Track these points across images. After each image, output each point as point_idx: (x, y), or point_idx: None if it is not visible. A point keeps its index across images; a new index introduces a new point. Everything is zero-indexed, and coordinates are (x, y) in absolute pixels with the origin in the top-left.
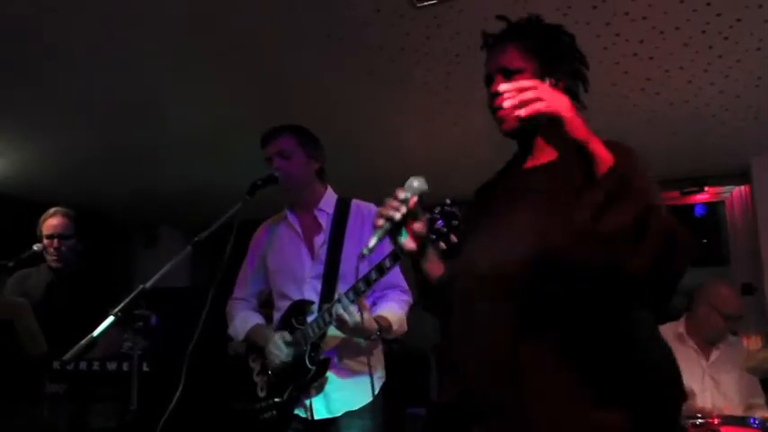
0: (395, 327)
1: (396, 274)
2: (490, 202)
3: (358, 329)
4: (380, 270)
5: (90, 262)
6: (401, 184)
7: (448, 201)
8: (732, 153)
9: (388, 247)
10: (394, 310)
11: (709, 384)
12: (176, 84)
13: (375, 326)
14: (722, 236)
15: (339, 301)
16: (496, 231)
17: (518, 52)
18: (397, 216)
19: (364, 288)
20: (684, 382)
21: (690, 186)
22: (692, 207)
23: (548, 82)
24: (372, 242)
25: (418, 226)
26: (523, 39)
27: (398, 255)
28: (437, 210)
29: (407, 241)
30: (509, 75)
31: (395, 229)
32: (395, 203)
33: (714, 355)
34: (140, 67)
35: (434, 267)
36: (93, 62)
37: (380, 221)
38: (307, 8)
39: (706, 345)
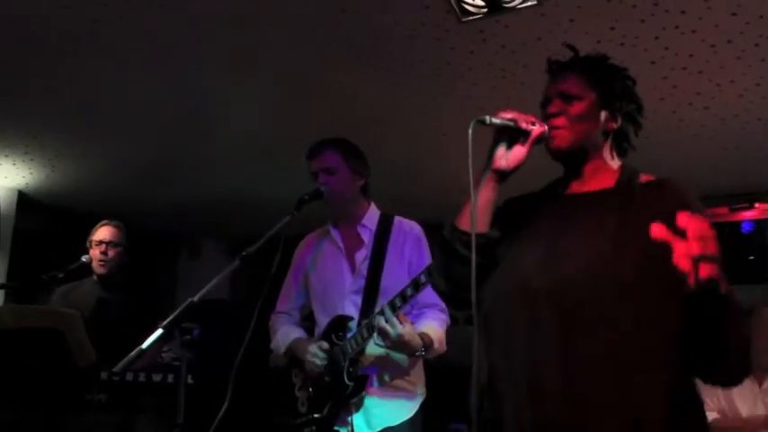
0: (436, 344)
1: (433, 293)
2: (531, 220)
3: (401, 342)
4: (416, 286)
5: (135, 274)
6: (443, 200)
7: None
8: None
9: (425, 261)
10: (434, 327)
11: (761, 411)
12: (223, 98)
13: (419, 341)
14: None
15: (381, 313)
16: (554, 251)
17: (579, 81)
18: (523, 125)
19: (400, 304)
20: (736, 407)
21: (739, 202)
22: (739, 223)
23: (603, 115)
24: (493, 119)
25: (522, 151)
26: (586, 70)
27: (419, 284)
28: None
29: (505, 154)
30: (568, 99)
31: (509, 132)
32: (527, 117)
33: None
34: (188, 81)
35: (486, 213)
36: (142, 75)
37: (509, 115)
38: (352, 22)
39: (759, 370)
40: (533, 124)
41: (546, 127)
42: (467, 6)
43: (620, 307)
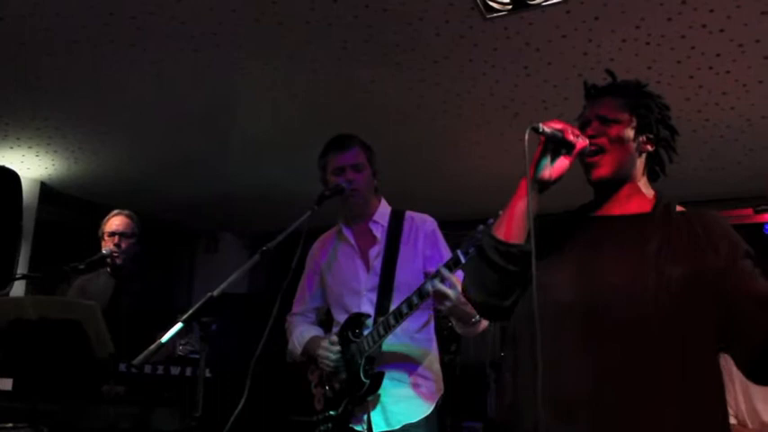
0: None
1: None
2: (562, 241)
3: (460, 304)
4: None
5: (149, 265)
6: (467, 197)
7: None
8: None
9: (441, 254)
10: None
11: None
12: (242, 92)
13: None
14: None
15: (438, 273)
16: (584, 271)
17: (617, 105)
18: (569, 137)
19: (417, 301)
20: (756, 409)
21: (763, 204)
22: (762, 225)
23: (640, 139)
24: (543, 128)
25: (565, 162)
26: (625, 95)
27: (459, 261)
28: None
29: (548, 165)
30: (606, 123)
31: (555, 143)
32: (575, 130)
33: None
34: (208, 76)
35: (525, 224)
36: (162, 71)
37: (558, 126)
38: (375, 17)
39: None
40: (577, 137)
41: (588, 142)
42: (491, 3)
43: (656, 329)
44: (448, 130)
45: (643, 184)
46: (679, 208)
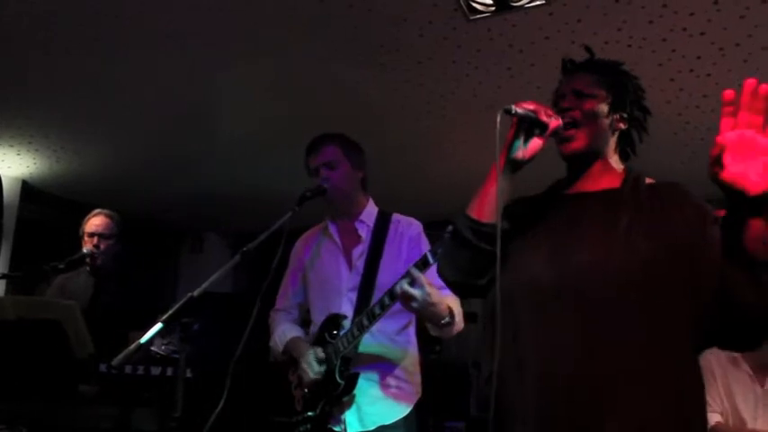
0: (457, 318)
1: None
2: (538, 219)
3: (429, 305)
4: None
5: (133, 264)
6: (445, 197)
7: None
8: None
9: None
10: (455, 302)
11: (761, 412)
12: (227, 92)
13: (445, 306)
14: None
15: (408, 273)
16: (563, 247)
17: (593, 81)
18: (542, 117)
19: (389, 302)
20: (738, 409)
21: None
22: None
23: (613, 116)
24: (515, 109)
25: (538, 143)
26: (601, 71)
27: (428, 262)
28: None
29: (521, 145)
30: (581, 96)
31: (529, 124)
32: (547, 109)
33: None
34: (192, 76)
35: (497, 203)
36: (146, 70)
37: (531, 106)
38: (359, 18)
39: (761, 370)
40: (550, 117)
41: (561, 121)
42: (475, 5)
43: (629, 302)
44: (432, 131)
45: (614, 161)
46: (649, 180)
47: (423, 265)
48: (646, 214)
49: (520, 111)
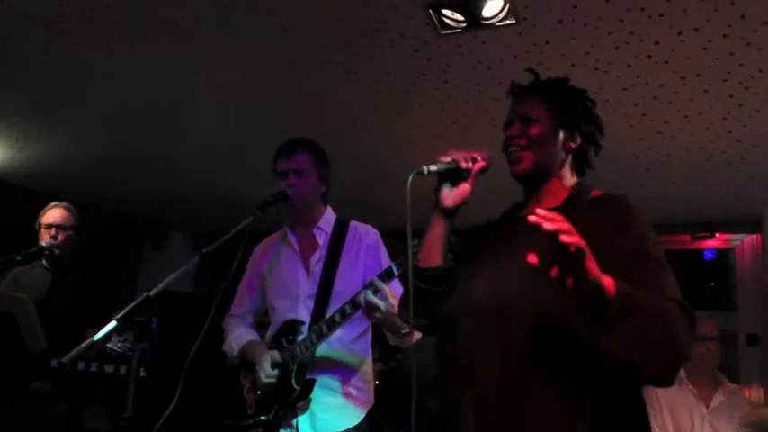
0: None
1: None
2: (488, 243)
3: (390, 315)
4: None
5: (89, 258)
6: (416, 208)
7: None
8: (745, 202)
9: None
10: None
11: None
12: (196, 92)
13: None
14: (730, 282)
15: (372, 283)
16: (497, 271)
17: (538, 104)
18: (463, 164)
19: (350, 311)
20: (681, 427)
21: (701, 231)
22: (701, 251)
23: (561, 135)
24: (431, 168)
25: (466, 188)
26: (545, 92)
27: (392, 273)
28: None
29: (450, 194)
30: (526, 122)
31: (451, 174)
32: (467, 155)
33: (715, 401)
34: (162, 73)
35: (440, 246)
36: (114, 64)
37: (448, 159)
38: (330, 27)
39: (706, 390)
40: (474, 160)
41: (486, 162)
42: (446, 20)
43: (553, 325)
44: (400, 140)
45: (567, 179)
46: (595, 192)
47: (387, 276)
48: (581, 232)
49: (434, 168)
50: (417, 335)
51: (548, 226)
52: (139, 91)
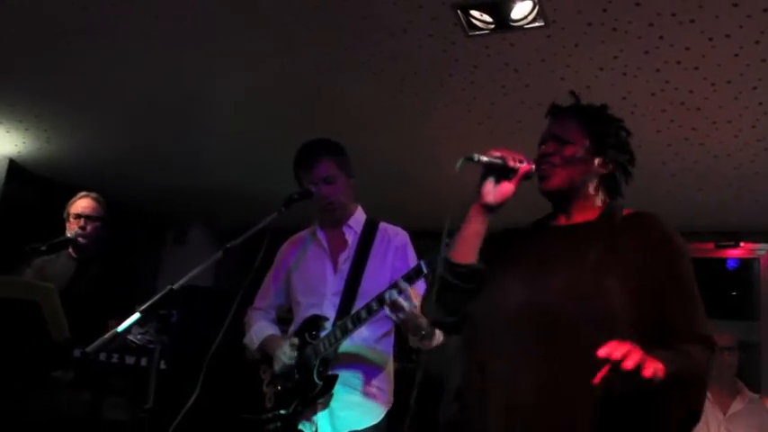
0: (437, 331)
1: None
2: (518, 250)
3: (413, 316)
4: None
5: (114, 249)
6: (435, 209)
7: None
8: None
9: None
10: None
11: None
12: (219, 87)
13: (427, 319)
14: (753, 291)
15: (396, 284)
16: (537, 279)
17: (575, 127)
18: (510, 163)
19: (376, 308)
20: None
21: (726, 240)
22: (724, 260)
23: (595, 161)
24: (481, 157)
25: (509, 187)
26: (583, 117)
27: (420, 271)
28: None
29: (492, 190)
30: (560, 142)
31: (497, 170)
32: (515, 155)
33: (733, 408)
34: (185, 69)
35: (475, 244)
36: (140, 59)
37: (497, 153)
38: (357, 26)
39: (723, 397)
40: (521, 162)
41: (533, 165)
42: (474, 21)
43: (591, 336)
44: (423, 141)
45: (596, 199)
46: (627, 211)
47: (415, 274)
48: (615, 250)
49: (484, 159)
50: (438, 338)
51: (617, 355)
52: (164, 86)
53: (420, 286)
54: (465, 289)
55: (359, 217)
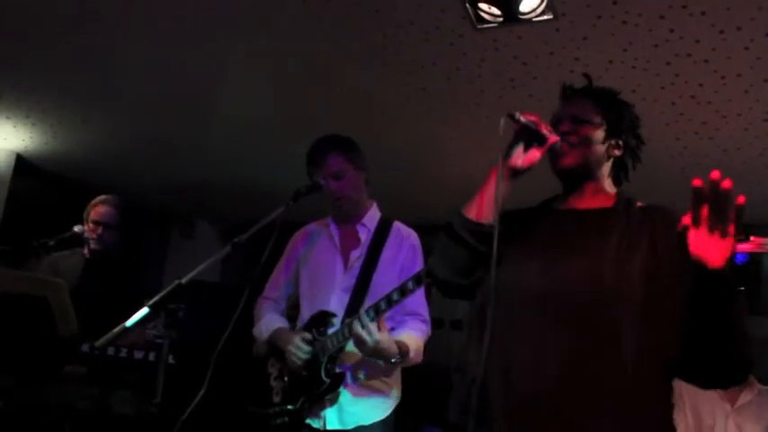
0: (412, 354)
1: (418, 302)
2: (535, 231)
3: (377, 350)
4: (403, 291)
5: (127, 250)
6: (441, 203)
7: None
8: None
9: (417, 267)
10: (414, 336)
11: (732, 429)
12: (226, 83)
13: (395, 349)
14: (763, 286)
15: (359, 318)
16: (555, 260)
17: (591, 107)
18: (543, 129)
19: (385, 307)
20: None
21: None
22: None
23: (608, 142)
24: (520, 118)
25: (536, 155)
26: (599, 99)
27: (422, 278)
28: None
29: (521, 154)
30: (578, 122)
31: (530, 134)
32: (549, 127)
33: (742, 400)
34: (193, 65)
35: (495, 205)
36: (148, 54)
37: (533, 118)
38: (365, 18)
39: (731, 390)
40: (551, 132)
41: (559, 138)
42: (483, 14)
43: (617, 318)
44: (431, 135)
45: (607, 185)
46: (639, 203)
47: (416, 282)
48: (636, 235)
49: (523, 119)
50: (414, 360)
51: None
52: (172, 82)
53: (420, 292)
54: (475, 249)
55: (373, 214)
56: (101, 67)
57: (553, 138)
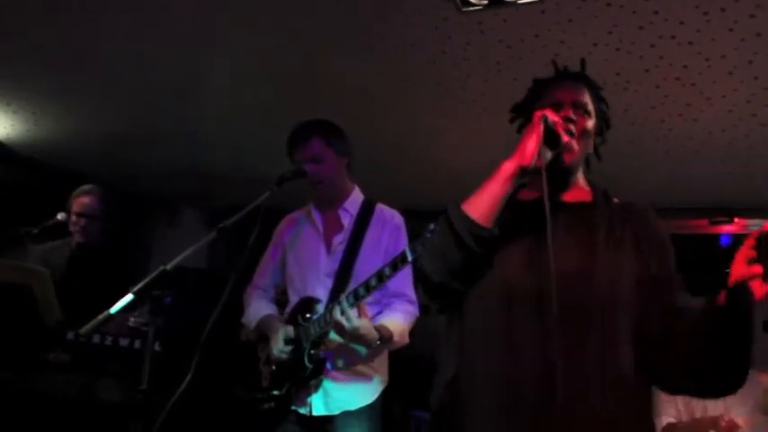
0: (396, 338)
1: (404, 283)
2: (518, 223)
3: (356, 336)
4: (380, 277)
5: (113, 239)
6: (426, 188)
7: None
8: (765, 187)
9: (400, 247)
10: (397, 320)
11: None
12: (212, 69)
13: (375, 335)
14: None
15: (339, 304)
16: (539, 254)
17: (590, 96)
18: (560, 129)
19: (364, 293)
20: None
21: (719, 216)
22: (717, 236)
23: (599, 136)
24: (551, 119)
25: (547, 153)
26: (594, 89)
27: (399, 264)
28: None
29: (536, 156)
30: (580, 111)
31: (548, 134)
32: (566, 126)
33: None
34: (180, 49)
35: (498, 209)
36: (132, 38)
37: (555, 118)
38: (350, 2)
39: None
40: (564, 132)
41: (568, 137)
42: None
43: (609, 313)
44: (416, 120)
45: (582, 177)
46: (615, 200)
47: (401, 261)
48: (620, 231)
49: (550, 121)
50: (399, 343)
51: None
52: (155, 67)
53: (406, 273)
54: (476, 253)
55: (355, 199)
56: (83, 52)
57: (566, 138)
